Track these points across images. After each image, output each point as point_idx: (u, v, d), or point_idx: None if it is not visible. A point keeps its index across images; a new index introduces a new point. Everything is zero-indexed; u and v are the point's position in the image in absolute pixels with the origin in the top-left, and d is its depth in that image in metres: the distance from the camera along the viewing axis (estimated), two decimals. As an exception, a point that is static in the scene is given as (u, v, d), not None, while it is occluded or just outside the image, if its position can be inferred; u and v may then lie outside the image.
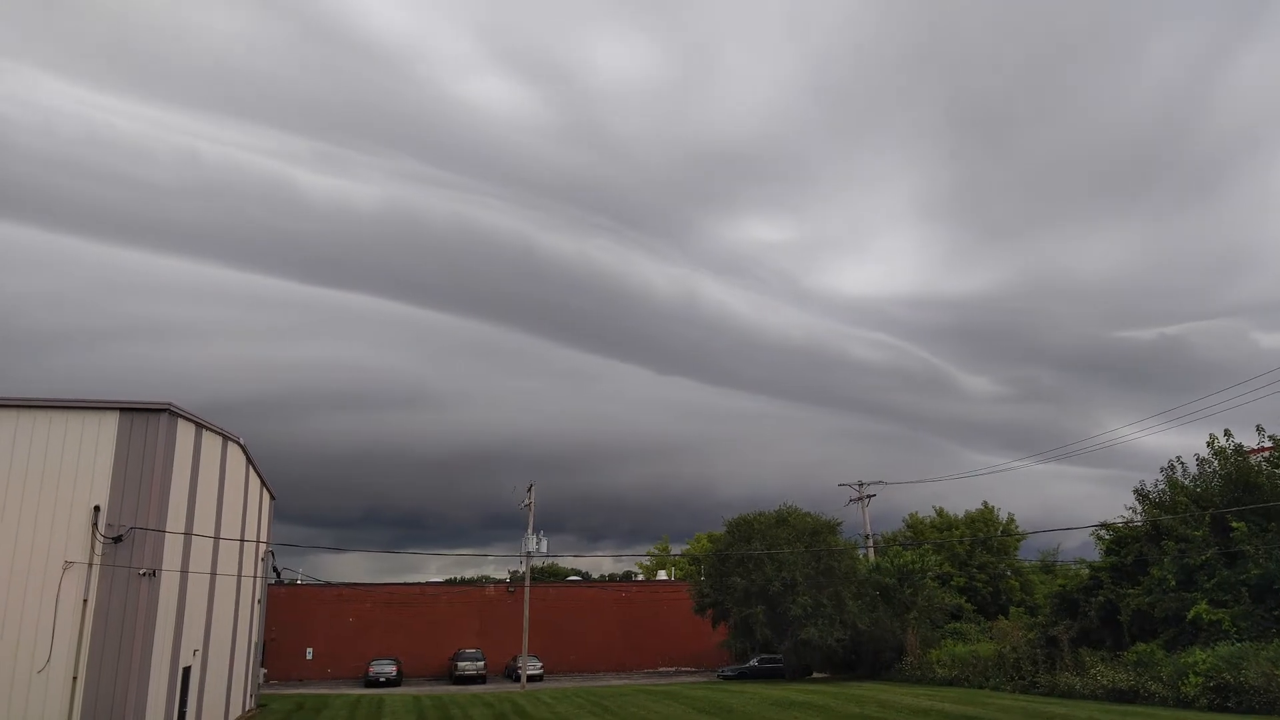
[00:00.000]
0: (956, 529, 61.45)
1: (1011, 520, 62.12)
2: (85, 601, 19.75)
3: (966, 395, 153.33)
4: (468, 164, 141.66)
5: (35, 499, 20.04)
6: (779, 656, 50.78)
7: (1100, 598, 35.91)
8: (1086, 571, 39.80)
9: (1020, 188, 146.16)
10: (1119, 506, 62.36)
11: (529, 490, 51.66)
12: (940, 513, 63.99)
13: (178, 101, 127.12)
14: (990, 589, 58.73)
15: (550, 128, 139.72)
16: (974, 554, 59.68)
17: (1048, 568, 59.16)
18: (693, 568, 72.12)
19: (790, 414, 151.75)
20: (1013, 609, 53.39)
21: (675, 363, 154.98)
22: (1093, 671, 33.20)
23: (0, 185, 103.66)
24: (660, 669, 62.17)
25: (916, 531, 62.99)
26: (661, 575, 77.36)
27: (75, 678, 19.26)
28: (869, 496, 57.81)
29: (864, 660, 49.71)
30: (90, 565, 19.96)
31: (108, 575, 19.98)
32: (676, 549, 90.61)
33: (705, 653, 60.22)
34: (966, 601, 55.69)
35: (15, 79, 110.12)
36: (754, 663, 52.06)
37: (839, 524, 52.57)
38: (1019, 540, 61.44)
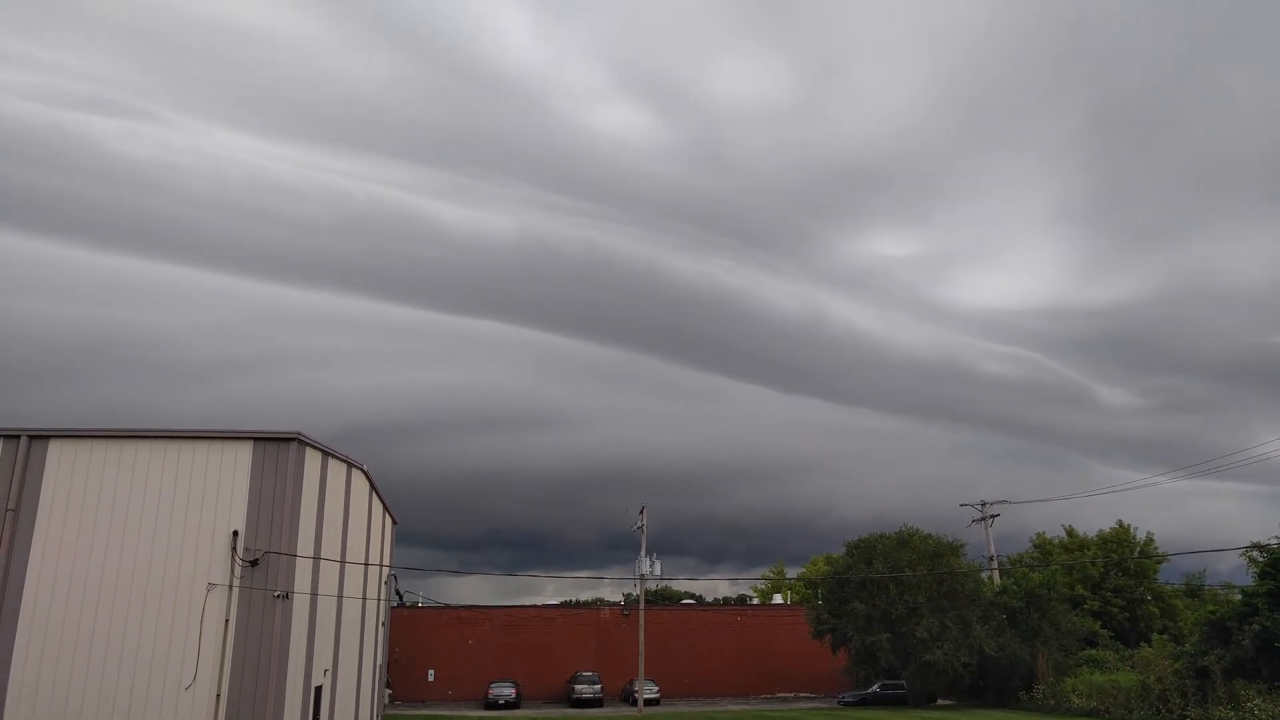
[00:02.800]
0: (1088, 549, 58.27)
1: (1150, 540, 58.48)
2: (227, 622, 20.82)
3: (1103, 408, 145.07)
4: (597, 191, 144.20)
5: (182, 524, 21.35)
6: (901, 682, 49.14)
7: (1255, 625, 33.40)
8: (1239, 597, 37.15)
9: (1167, 189, 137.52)
10: (1274, 526, 57.41)
11: (641, 513, 51.78)
12: (1070, 532, 60.88)
13: (327, 142, 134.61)
14: (1127, 614, 55.35)
15: (675, 150, 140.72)
16: (1108, 576, 56.42)
17: (1194, 592, 55.37)
18: (808, 591, 70.72)
19: (917, 431, 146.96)
20: (1156, 636, 50.17)
21: (798, 381, 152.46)
22: (1249, 705, 30.97)
23: (177, 230, 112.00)
24: (778, 694, 61.06)
25: (1044, 552, 60.07)
26: (777, 599, 76.12)
27: (218, 695, 20.29)
28: (992, 516, 55.57)
29: (991, 687, 47.62)
30: (231, 587, 21.06)
31: (246, 597, 21.03)
32: (792, 572, 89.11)
33: (823, 677, 58.78)
34: (1101, 627, 52.65)
35: (192, 133, 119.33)
36: (875, 688, 50.46)
37: (963, 546, 50.80)
38: (1159, 562, 57.74)
